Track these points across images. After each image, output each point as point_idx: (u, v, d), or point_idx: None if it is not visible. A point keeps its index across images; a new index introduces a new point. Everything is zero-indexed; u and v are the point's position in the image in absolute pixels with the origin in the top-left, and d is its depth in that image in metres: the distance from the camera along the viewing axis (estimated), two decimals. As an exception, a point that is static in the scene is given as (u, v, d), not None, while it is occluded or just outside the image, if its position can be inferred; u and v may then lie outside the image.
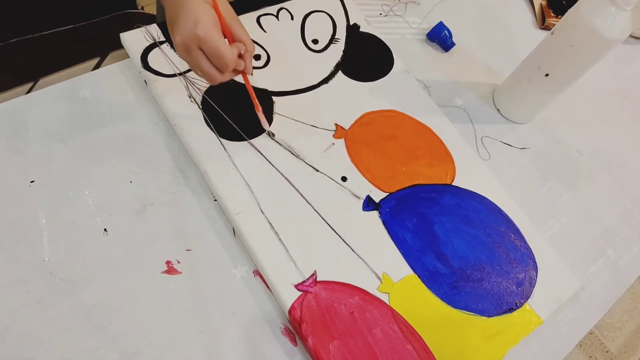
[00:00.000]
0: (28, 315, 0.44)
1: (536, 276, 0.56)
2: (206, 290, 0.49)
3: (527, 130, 0.70)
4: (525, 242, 0.58)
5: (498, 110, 0.71)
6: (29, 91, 0.55)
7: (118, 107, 0.56)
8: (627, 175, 0.70)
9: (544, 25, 0.82)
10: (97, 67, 0.59)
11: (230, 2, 0.64)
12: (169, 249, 0.50)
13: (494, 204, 0.59)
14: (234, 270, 0.50)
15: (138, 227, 0.50)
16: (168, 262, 0.49)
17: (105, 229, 0.49)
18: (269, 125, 0.57)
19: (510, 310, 0.53)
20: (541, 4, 0.84)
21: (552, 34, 0.61)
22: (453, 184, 0.60)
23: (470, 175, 0.61)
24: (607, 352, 0.57)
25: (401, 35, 0.73)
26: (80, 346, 0.44)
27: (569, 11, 0.59)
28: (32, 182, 0.50)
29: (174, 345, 0.46)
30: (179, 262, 0.49)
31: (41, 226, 0.48)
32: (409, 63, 0.69)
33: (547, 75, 0.62)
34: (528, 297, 0.54)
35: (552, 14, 0.82)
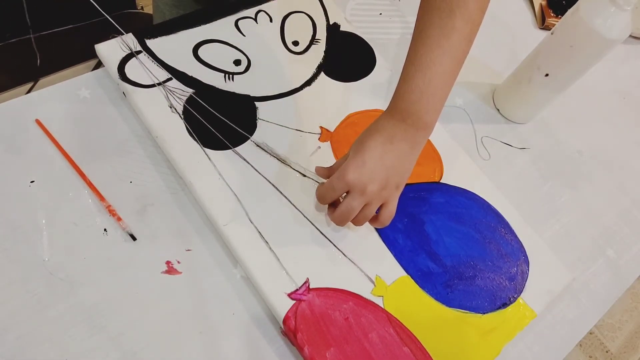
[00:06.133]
0: (28, 315, 0.44)
1: (528, 270, 0.56)
2: (206, 290, 0.49)
3: (527, 130, 0.70)
4: (515, 235, 0.58)
5: (498, 110, 0.71)
6: (29, 91, 0.55)
7: (118, 107, 0.56)
8: (627, 175, 0.70)
9: (543, 25, 0.82)
10: (97, 67, 0.59)
11: (206, 7, 0.64)
12: (169, 249, 0.50)
13: (482, 199, 0.59)
14: (234, 270, 0.50)
15: (138, 227, 0.50)
16: (168, 262, 0.49)
17: (105, 229, 0.49)
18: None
19: (504, 305, 0.53)
20: (541, 4, 0.84)
21: (552, 34, 0.61)
22: (441, 181, 0.60)
23: (458, 172, 0.61)
24: (607, 352, 0.57)
25: (401, 35, 0.73)
26: (80, 346, 0.44)
27: (569, 11, 0.59)
28: (32, 182, 0.50)
29: (174, 345, 0.46)
30: (179, 262, 0.49)
31: (41, 226, 0.48)
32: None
33: (547, 75, 0.62)
34: (521, 292, 0.55)
35: (552, 14, 0.82)
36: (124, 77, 0.55)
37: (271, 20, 0.66)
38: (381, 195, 0.47)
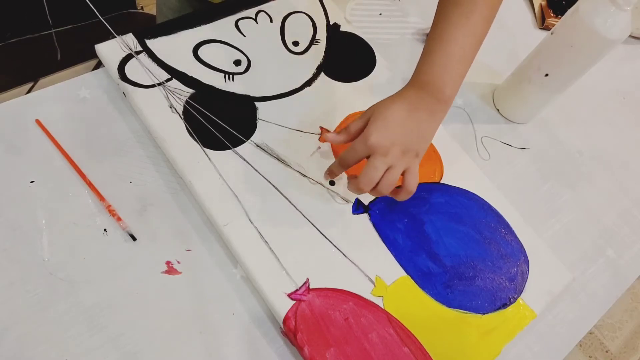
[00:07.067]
0: (28, 315, 0.44)
1: (528, 270, 0.56)
2: (206, 290, 0.49)
3: (527, 130, 0.70)
4: (515, 236, 0.58)
5: (498, 110, 0.71)
6: (29, 91, 0.55)
7: (118, 107, 0.56)
8: (627, 175, 0.70)
9: (543, 25, 0.82)
10: (97, 67, 0.59)
11: (210, 6, 0.64)
12: (169, 249, 0.50)
13: (482, 199, 0.59)
14: (234, 270, 0.50)
15: (138, 227, 0.50)
16: (168, 262, 0.49)
17: (105, 229, 0.49)
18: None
19: (504, 306, 0.53)
20: (541, 4, 0.84)
21: (552, 34, 0.61)
22: (441, 181, 0.59)
23: (458, 173, 0.60)
24: (606, 351, 0.57)
25: (401, 35, 0.73)
26: (80, 346, 0.44)
27: (569, 11, 0.59)
28: (32, 182, 0.50)
29: (174, 345, 0.46)
30: (179, 262, 0.49)
31: (41, 226, 0.48)
32: (409, 63, 0.69)
33: (547, 75, 0.62)
34: (521, 292, 0.55)
35: (552, 14, 0.82)
36: (124, 77, 0.55)
37: (271, 21, 0.66)
38: (403, 159, 0.47)
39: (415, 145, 0.48)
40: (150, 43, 0.59)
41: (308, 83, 0.62)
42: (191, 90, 0.57)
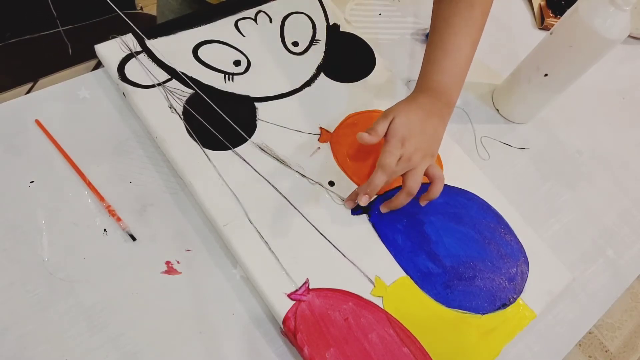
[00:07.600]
0: (28, 315, 0.44)
1: (528, 270, 0.56)
2: (206, 290, 0.49)
3: (526, 130, 0.70)
4: (515, 236, 0.58)
5: (497, 110, 0.71)
6: (28, 91, 0.55)
7: (118, 107, 0.56)
8: (627, 175, 0.70)
9: (543, 25, 0.82)
10: (97, 67, 0.59)
11: (209, 7, 0.64)
12: (168, 249, 0.50)
13: (482, 199, 0.59)
14: (233, 271, 0.50)
15: (138, 227, 0.50)
16: (168, 262, 0.49)
17: (105, 229, 0.49)
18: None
19: (504, 306, 0.53)
20: (540, 4, 0.84)
21: (551, 34, 0.61)
22: None
23: (458, 173, 0.60)
24: (606, 351, 0.57)
25: (400, 36, 0.73)
26: (80, 346, 0.44)
27: (568, 11, 0.59)
28: (31, 182, 0.50)
29: (174, 345, 0.46)
30: (178, 262, 0.49)
31: (41, 226, 0.48)
32: (409, 63, 0.69)
33: (546, 75, 0.62)
34: (521, 292, 0.55)
35: (551, 14, 0.82)
36: (123, 77, 0.55)
37: (271, 21, 0.66)
38: (423, 161, 0.52)
39: (432, 149, 0.54)
40: (150, 43, 0.59)
41: (308, 83, 0.62)
42: (191, 91, 0.57)
